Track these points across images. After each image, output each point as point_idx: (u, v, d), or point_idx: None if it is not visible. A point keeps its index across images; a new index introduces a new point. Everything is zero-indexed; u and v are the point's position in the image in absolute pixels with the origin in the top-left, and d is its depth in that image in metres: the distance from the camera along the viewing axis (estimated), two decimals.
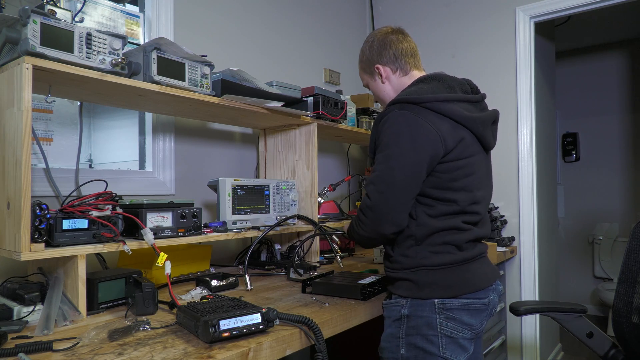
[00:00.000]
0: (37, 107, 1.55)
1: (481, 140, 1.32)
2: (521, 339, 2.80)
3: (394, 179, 1.22)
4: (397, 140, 1.23)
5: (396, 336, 1.27)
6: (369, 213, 1.25)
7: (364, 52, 1.50)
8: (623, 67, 4.67)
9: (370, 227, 1.26)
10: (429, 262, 1.24)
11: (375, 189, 1.24)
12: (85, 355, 0.91)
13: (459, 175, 1.26)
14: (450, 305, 1.23)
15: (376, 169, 1.26)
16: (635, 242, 1.60)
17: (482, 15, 2.96)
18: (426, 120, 1.23)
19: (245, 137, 2.32)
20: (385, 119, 1.27)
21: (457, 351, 1.23)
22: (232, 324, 0.99)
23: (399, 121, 1.24)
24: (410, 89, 1.34)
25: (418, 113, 1.23)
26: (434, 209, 1.25)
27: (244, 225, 1.71)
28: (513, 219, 2.83)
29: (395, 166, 1.22)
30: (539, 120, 2.99)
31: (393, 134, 1.24)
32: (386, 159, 1.24)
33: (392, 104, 1.29)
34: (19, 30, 1.14)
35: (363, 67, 1.52)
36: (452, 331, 1.22)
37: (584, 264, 4.79)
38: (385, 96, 1.48)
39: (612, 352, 1.63)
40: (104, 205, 1.31)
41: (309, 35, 2.80)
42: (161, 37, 1.41)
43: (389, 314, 1.32)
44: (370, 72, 1.49)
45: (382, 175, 1.24)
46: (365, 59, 1.49)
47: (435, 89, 1.30)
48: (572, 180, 4.89)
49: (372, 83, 1.50)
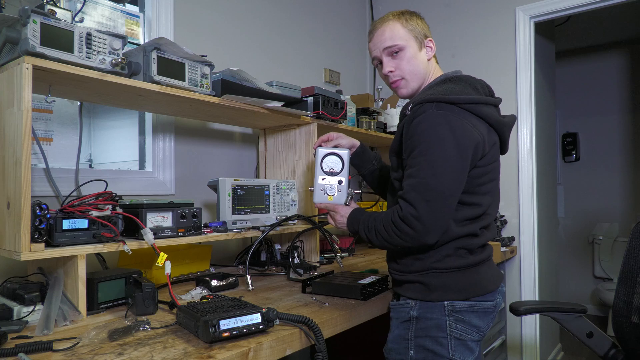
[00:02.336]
0: (37, 107, 1.55)
1: (503, 144, 1.32)
2: (521, 339, 2.80)
3: (442, 186, 1.13)
4: (440, 143, 1.14)
5: (405, 338, 1.26)
6: (415, 224, 1.13)
7: (417, 20, 1.35)
8: (623, 67, 4.67)
9: (415, 238, 1.15)
10: (441, 265, 1.22)
11: (421, 198, 1.13)
12: (85, 355, 0.91)
13: (486, 179, 1.24)
14: (460, 308, 1.22)
15: (418, 175, 1.15)
16: (635, 242, 1.60)
17: (482, 15, 2.96)
18: (468, 122, 1.18)
19: (245, 137, 2.32)
20: (421, 119, 1.17)
21: (465, 353, 1.22)
22: (232, 324, 0.99)
23: (439, 122, 1.15)
24: (439, 87, 1.26)
25: (458, 114, 1.17)
26: (458, 213, 1.21)
27: (244, 225, 1.71)
28: (513, 219, 2.83)
29: (442, 172, 1.13)
30: (539, 120, 2.99)
31: (435, 137, 1.15)
32: (430, 164, 1.14)
33: (425, 102, 1.19)
34: (19, 30, 1.14)
35: (413, 30, 1.33)
36: (461, 333, 1.22)
37: (584, 264, 4.79)
38: (420, 71, 1.34)
39: (612, 352, 1.63)
40: (104, 205, 1.31)
41: (309, 35, 2.80)
42: (161, 37, 1.41)
43: (397, 315, 1.30)
44: (420, 40, 1.34)
45: (427, 183, 1.13)
46: (420, 27, 1.34)
47: (466, 90, 1.25)
48: (572, 180, 4.89)
49: (413, 51, 1.33)
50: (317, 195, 1.42)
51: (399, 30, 1.32)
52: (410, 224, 1.14)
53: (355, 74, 3.18)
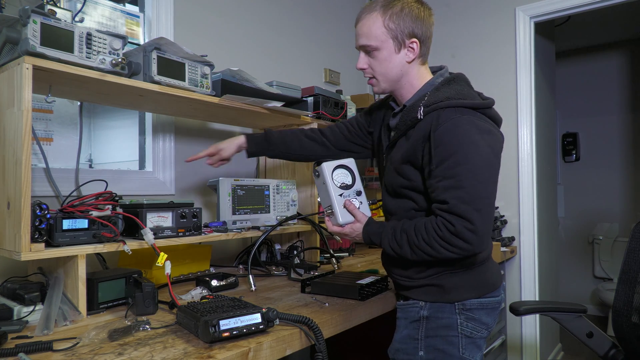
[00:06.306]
0: (37, 107, 1.55)
1: None
2: (521, 339, 2.80)
3: (488, 192, 1.11)
4: (477, 150, 1.10)
5: (414, 338, 1.24)
6: (471, 237, 1.08)
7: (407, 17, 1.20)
8: (623, 67, 4.67)
9: (471, 250, 1.10)
10: (453, 266, 1.21)
11: (472, 209, 1.07)
12: (85, 355, 0.91)
13: None
14: (470, 306, 1.22)
15: (462, 185, 1.09)
16: (635, 242, 1.60)
17: (482, 15, 2.96)
18: (491, 125, 1.18)
19: None
20: (449, 126, 1.12)
21: (474, 351, 1.23)
22: (232, 324, 0.99)
23: (469, 128, 1.12)
24: (448, 90, 1.20)
25: (480, 119, 1.16)
26: None
27: (244, 225, 1.71)
28: (513, 219, 2.83)
29: (486, 179, 1.11)
30: (539, 120, 2.99)
31: (470, 144, 1.11)
32: (472, 172, 1.09)
33: (446, 107, 1.15)
34: (19, 30, 1.14)
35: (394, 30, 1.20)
36: (471, 331, 1.22)
37: (584, 264, 4.79)
38: (392, 74, 1.24)
39: (612, 352, 1.63)
40: (104, 205, 1.31)
41: (309, 35, 2.80)
42: (161, 37, 1.41)
43: (405, 315, 1.28)
44: (400, 40, 1.22)
45: (476, 192, 1.09)
46: (406, 26, 1.20)
47: (471, 92, 1.23)
48: (572, 180, 4.89)
49: (387, 52, 1.22)
50: (342, 215, 1.27)
51: (377, 28, 1.21)
52: (466, 238, 1.08)
53: (355, 74, 3.18)
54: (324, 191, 1.29)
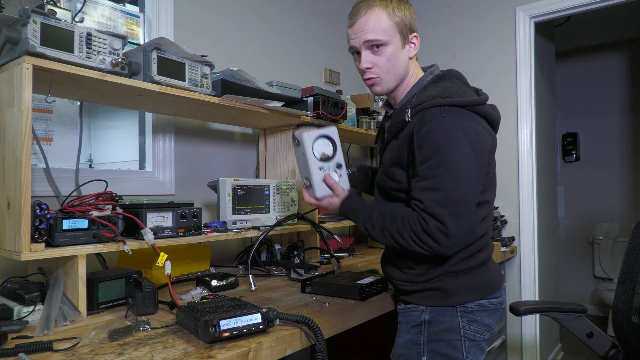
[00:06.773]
0: (37, 107, 1.55)
1: None
2: (521, 339, 2.80)
3: (467, 197, 1.10)
4: (459, 152, 1.09)
5: (416, 343, 1.22)
6: (442, 239, 1.07)
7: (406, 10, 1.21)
8: (623, 67, 4.67)
9: (440, 251, 1.10)
10: (456, 268, 1.19)
11: (447, 212, 1.07)
12: (85, 355, 0.91)
13: (490, 175, 1.22)
14: (472, 308, 1.20)
15: (440, 187, 1.08)
16: (635, 242, 1.60)
17: (482, 15, 2.96)
18: (478, 124, 1.15)
19: (245, 137, 2.32)
20: (433, 127, 1.10)
21: (477, 354, 1.22)
22: (232, 324, 0.99)
23: (453, 129, 1.10)
24: (437, 88, 1.18)
25: (468, 117, 1.13)
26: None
27: (244, 225, 1.71)
28: (513, 219, 2.83)
29: (466, 183, 1.09)
30: (539, 120, 2.99)
31: (452, 145, 1.09)
32: (452, 175, 1.08)
33: (431, 107, 1.13)
34: (19, 30, 1.14)
35: (400, 23, 1.20)
36: (474, 334, 1.20)
37: (584, 264, 4.79)
38: (400, 71, 1.23)
39: (612, 352, 1.63)
40: (104, 205, 1.31)
41: (309, 35, 2.80)
42: (161, 37, 1.41)
43: (406, 319, 1.26)
44: (405, 35, 1.22)
45: (453, 196, 1.08)
46: (408, 20, 1.21)
47: (463, 89, 1.20)
48: (572, 180, 4.89)
49: (395, 48, 1.21)
50: (320, 189, 1.24)
51: (384, 22, 1.18)
52: (437, 239, 1.08)
53: (355, 74, 3.15)
54: (303, 162, 1.25)
